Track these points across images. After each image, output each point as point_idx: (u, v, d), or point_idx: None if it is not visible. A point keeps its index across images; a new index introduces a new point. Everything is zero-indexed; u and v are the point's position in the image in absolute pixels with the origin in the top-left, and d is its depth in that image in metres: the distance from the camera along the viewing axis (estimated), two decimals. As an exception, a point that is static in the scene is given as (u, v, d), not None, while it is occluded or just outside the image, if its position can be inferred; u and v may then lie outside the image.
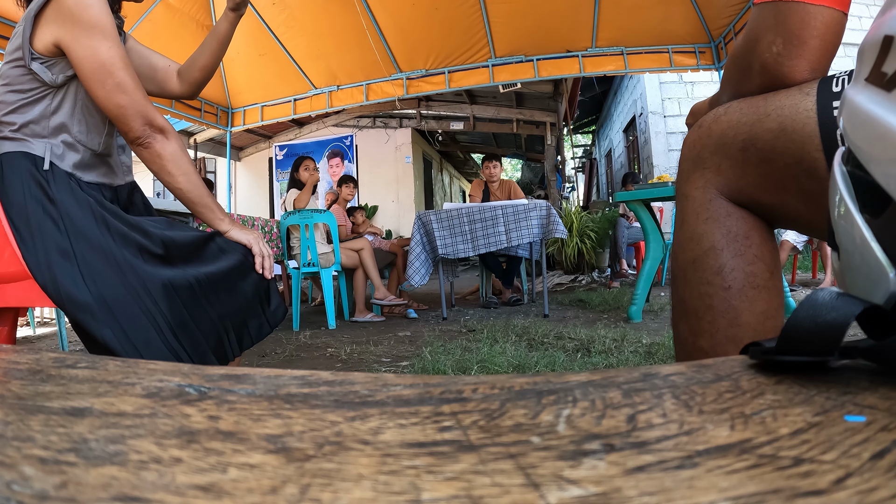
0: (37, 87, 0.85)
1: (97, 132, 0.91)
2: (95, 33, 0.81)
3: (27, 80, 0.85)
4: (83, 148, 0.88)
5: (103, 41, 0.82)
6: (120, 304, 0.79)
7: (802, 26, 0.56)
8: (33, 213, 0.81)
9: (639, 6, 3.88)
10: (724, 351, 0.60)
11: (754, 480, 0.15)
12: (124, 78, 0.83)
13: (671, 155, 7.27)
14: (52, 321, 4.05)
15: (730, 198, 0.63)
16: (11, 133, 0.85)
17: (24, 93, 0.85)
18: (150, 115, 0.85)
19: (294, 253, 3.14)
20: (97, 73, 0.82)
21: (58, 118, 0.86)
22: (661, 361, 1.65)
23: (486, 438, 0.20)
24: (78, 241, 0.81)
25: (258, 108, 5.10)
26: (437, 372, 1.62)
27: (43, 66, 0.84)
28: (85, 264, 0.80)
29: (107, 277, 0.80)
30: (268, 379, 0.31)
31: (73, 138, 0.87)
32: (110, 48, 0.82)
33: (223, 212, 0.94)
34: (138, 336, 0.79)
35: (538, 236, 2.94)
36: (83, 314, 0.78)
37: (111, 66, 0.82)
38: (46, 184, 0.82)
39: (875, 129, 0.27)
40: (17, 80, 0.85)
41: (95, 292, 0.79)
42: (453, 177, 12.37)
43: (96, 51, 0.81)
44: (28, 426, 0.22)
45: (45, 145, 0.84)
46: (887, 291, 0.26)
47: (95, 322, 0.78)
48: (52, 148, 0.84)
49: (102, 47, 0.81)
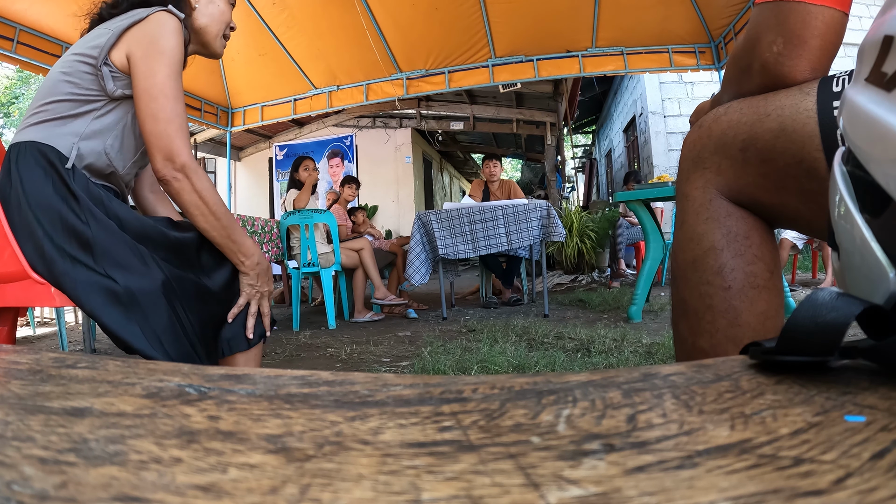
0: (94, 89, 0.86)
1: (128, 156, 0.91)
2: (162, 59, 0.85)
3: (88, 80, 0.86)
4: (107, 161, 0.88)
5: (165, 68, 0.85)
6: (147, 298, 0.80)
7: (803, 26, 0.56)
8: (56, 208, 0.81)
9: (639, 6, 3.88)
10: (724, 351, 0.60)
11: (754, 480, 0.15)
12: (167, 107, 0.84)
13: (671, 155, 7.27)
14: (52, 321, 4.05)
15: (730, 198, 0.63)
16: (48, 117, 0.85)
17: (81, 89, 0.86)
18: (173, 152, 0.83)
19: (294, 253, 3.14)
20: (146, 93, 0.84)
21: (98, 125, 0.87)
22: (661, 361, 1.65)
23: (486, 438, 0.20)
24: (101, 235, 0.81)
25: (258, 108, 5.10)
26: (437, 372, 1.62)
27: (110, 73, 0.86)
28: (109, 259, 0.81)
29: (134, 272, 0.81)
30: (268, 379, 0.31)
31: (103, 148, 0.87)
32: (169, 77, 0.85)
33: (248, 254, 0.91)
34: (167, 336, 0.81)
35: (538, 238, 2.94)
36: (109, 310, 0.78)
37: (160, 93, 0.84)
38: (70, 179, 0.83)
39: (875, 129, 0.27)
40: (79, 76, 0.86)
41: (124, 286, 0.79)
42: (453, 177, 12.37)
43: (155, 74, 0.84)
44: (28, 426, 0.22)
45: (72, 144, 0.85)
46: (887, 291, 0.26)
47: (124, 318, 0.78)
48: (80, 148, 0.85)
49: (162, 73, 0.84)
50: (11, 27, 3.19)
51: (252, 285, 0.92)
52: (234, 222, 0.90)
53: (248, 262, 0.91)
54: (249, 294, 0.92)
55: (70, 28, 3.43)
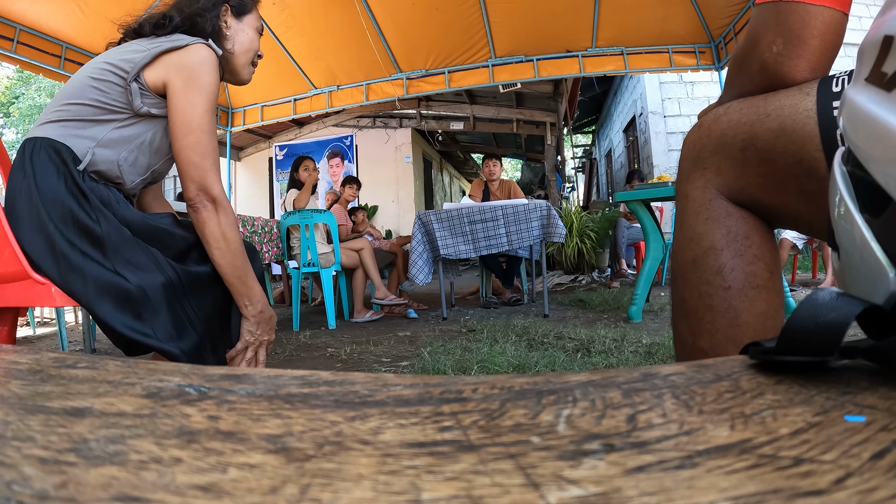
0: (120, 101, 0.87)
1: (138, 171, 0.92)
2: (203, 94, 0.87)
3: (117, 91, 0.87)
4: (117, 173, 0.89)
5: (204, 103, 0.88)
6: (157, 296, 0.81)
7: (802, 26, 0.56)
8: (68, 205, 0.82)
9: (639, 6, 3.87)
10: (724, 351, 0.60)
11: (754, 480, 0.15)
12: (203, 141, 0.87)
13: (671, 155, 7.27)
14: (52, 321, 4.05)
15: (730, 198, 0.63)
16: (69, 117, 0.86)
17: (107, 97, 0.87)
18: (207, 184, 0.87)
19: (294, 253, 3.14)
20: (185, 126, 0.87)
21: (117, 135, 0.88)
22: (661, 361, 1.65)
23: (486, 438, 0.20)
24: (111, 233, 0.82)
25: (258, 108, 5.10)
26: (437, 372, 1.62)
27: (139, 90, 0.87)
28: (119, 257, 0.82)
29: (145, 270, 0.82)
30: (268, 379, 0.31)
31: (116, 159, 0.88)
32: (207, 112, 0.88)
33: (255, 299, 0.92)
34: (178, 332, 0.82)
35: (538, 238, 2.94)
36: (116, 312, 0.79)
37: (198, 127, 0.87)
38: (81, 180, 0.84)
39: (875, 129, 0.27)
40: (107, 86, 0.87)
41: (135, 284, 0.80)
42: (453, 177, 12.37)
43: (196, 108, 0.87)
44: (28, 426, 0.22)
45: (88, 149, 0.85)
46: (887, 291, 0.26)
47: (132, 318, 0.79)
48: (94, 154, 0.85)
49: (201, 108, 0.87)
50: (11, 27, 3.19)
51: (252, 332, 0.93)
52: (248, 265, 0.92)
53: (252, 309, 0.92)
54: (248, 341, 0.93)
55: (70, 28, 3.43)
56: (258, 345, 0.94)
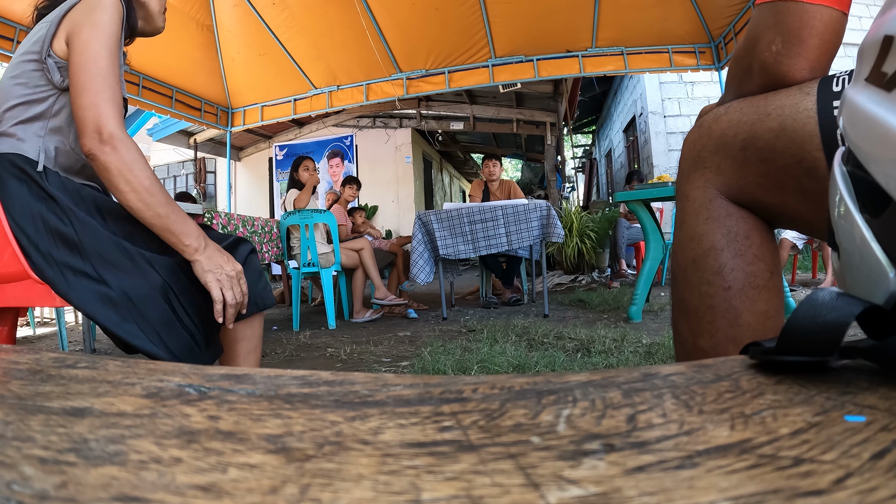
0: (43, 84, 0.85)
1: None
2: (95, 30, 0.80)
3: (37, 77, 0.85)
4: (76, 157, 0.87)
5: (98, 40, 0.80)
6: (141, 296, 0.78)
7: (801, 25, 0.56)
8: (38, 213, 0.80)
9: (639, 6, 3.87)
10: (724, 351, 0.60)
11: (754, 480, 0.15)
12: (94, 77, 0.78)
13: (671, 155, 7.27)
14: (52, 321, 4.05)
15: (730, 197, 0.63)
16: (10, 128, 0.84)
17: (31, 88, 0.85)
18: (101, 122, 0.76)
19: (294, 253, 3.14)
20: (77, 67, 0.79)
21: (56, 122, 0.86)
22: (661, 361, 1.65)
23: (486, 438, 0.20)
24: (86, 234, 0.80)
25: (258, 108, 5.10)
26: (437, 372, 1.62)
27: (55, 64, 0.84)
28: (97, 257, 0.79)
29: (124, 269, 0.79)
30: (268, 379, 0.31)
31: (67, 145, 0.86)
32: (103, 48, 0.80)
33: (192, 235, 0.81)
34: (166, 331, 0.79)
35: (538, 238, 2.94)
36: (104, 310, 0.77)
37: (89, 63, 0.79)
38: (44, 181, 0.82)
39: (875, 129, 0.27)
40: (27, 76, 0.85)
41: (116, 286, 0.78)
42: (453, 177, 12.37)
43: (88, 46, 0.79)
44: (28, 426, 0.22)
45: (38, 147, 0.84)
46: (887, 291, 0.26)
47: (119, 318, 0.77)
48: (46, 150, 0.84)
49: (94, 44, 0.79)
50: (11, 27, 3.19)
51: (210, 271, 0.81)
52: (172, 203, 0.82)
53: (194, 244, 0.81)
54: (212, 282, 0.81)
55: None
56: (228, 280, 0.82)
